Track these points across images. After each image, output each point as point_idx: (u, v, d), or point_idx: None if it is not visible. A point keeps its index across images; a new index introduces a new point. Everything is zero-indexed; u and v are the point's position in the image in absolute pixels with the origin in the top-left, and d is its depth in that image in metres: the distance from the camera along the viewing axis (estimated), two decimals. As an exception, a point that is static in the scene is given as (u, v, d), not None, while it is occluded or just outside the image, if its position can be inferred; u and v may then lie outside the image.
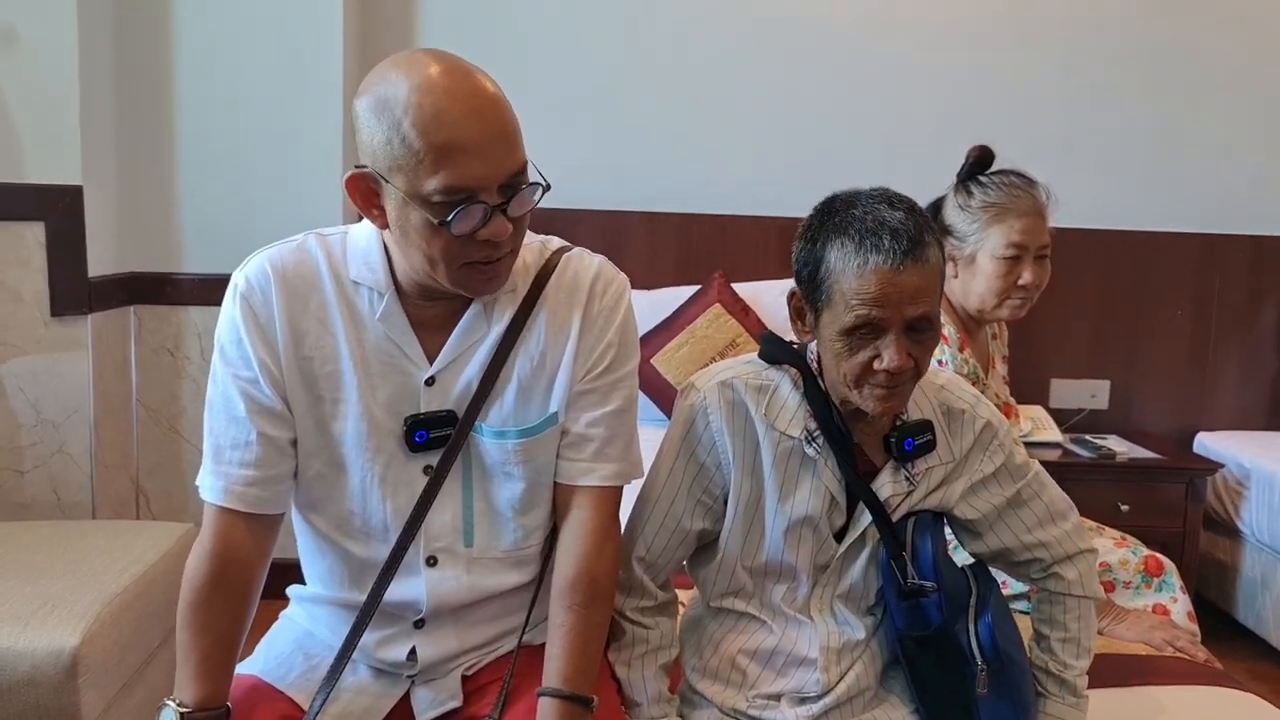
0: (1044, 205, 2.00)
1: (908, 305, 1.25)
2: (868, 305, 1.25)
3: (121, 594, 2.06)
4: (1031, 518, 1.46)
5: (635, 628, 1.45)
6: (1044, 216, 1.99)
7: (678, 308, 3.18)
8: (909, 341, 1.27)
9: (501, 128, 1.19)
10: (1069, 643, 1.46)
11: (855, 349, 1.28)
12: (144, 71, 3.05)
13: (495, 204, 1.20)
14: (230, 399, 1.31)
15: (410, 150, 1.16)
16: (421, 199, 1.18)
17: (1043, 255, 2.00)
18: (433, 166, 1.16)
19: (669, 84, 3.43)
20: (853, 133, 3.46)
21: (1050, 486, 1.49)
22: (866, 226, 1.25)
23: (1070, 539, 1.47)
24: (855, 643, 1.43)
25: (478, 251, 1.22)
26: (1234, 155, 3.53)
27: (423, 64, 1.19)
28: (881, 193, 1.30)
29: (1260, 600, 3.15)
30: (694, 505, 1.44)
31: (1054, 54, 3.46)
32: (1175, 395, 3.57)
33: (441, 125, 1.15)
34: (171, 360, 3.14)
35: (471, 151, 1.16)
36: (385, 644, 1.40)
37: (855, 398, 1.32)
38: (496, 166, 1.19)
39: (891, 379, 1.28)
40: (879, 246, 1.24)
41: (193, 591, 1.29)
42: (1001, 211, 1.98)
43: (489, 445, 1.36)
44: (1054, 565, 1.47)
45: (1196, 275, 3.52)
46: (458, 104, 1.16)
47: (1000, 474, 1.44)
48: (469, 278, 1.25)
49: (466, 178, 1.17)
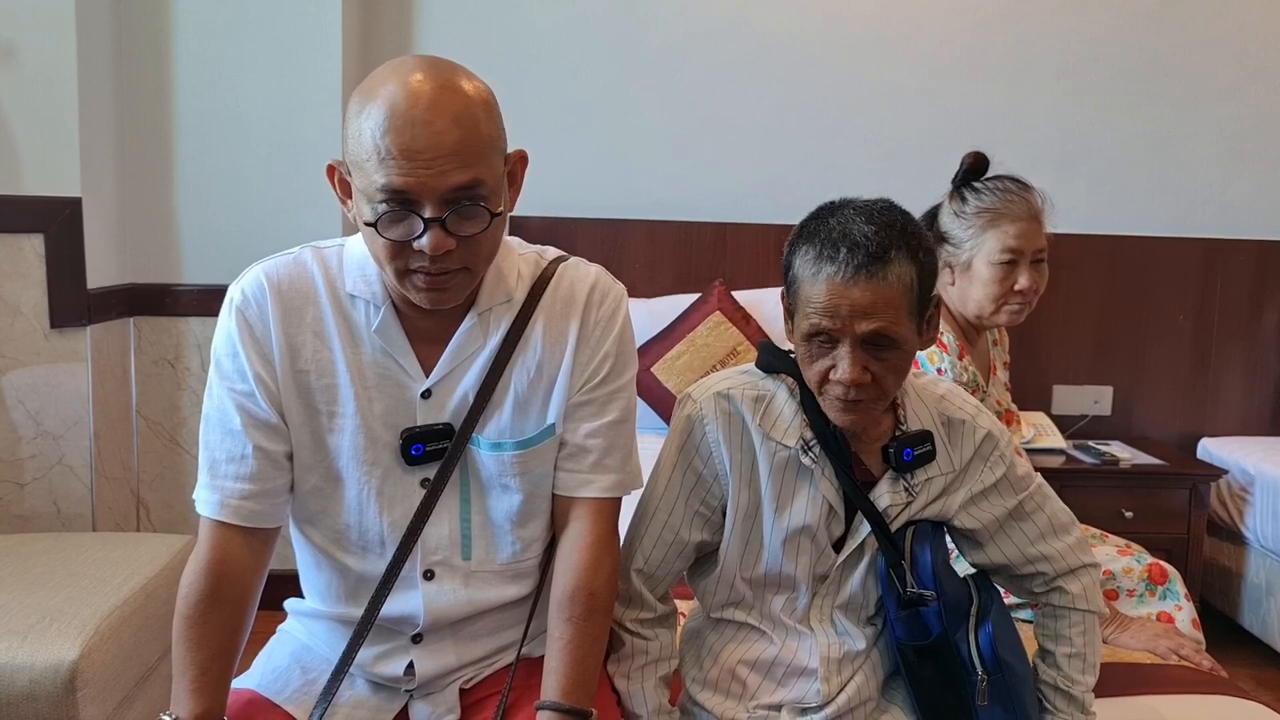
0: (1039, 209, 2.00)
1: (859, 320, 1.24)
2: (819, 314, 1.26)
3: (121, 606, 2.06)
4: (1034, 530, 1.44)
5: (634, 639, 1.44)
6: (1039, 221, 1.99)
7: (678, 316, 3.17)
8: (867, 356, 1.27)
9: (454, 142, 1.17)
10: (1075, 658, 1.44)
11: (815, 356, 1.30)
12: (143, 83, 3.05)
13: (431, 216, 1.18)
14: (226, 412, 1.31)
15: (363, 147, 1.17)
16: (367, 196, 1.19)
17: (1039, 260, 1.99)
18: (379, 166, 1.16)
19: (668, 93, 3.43)
20: (852, 141, 3.46)
21: (1052, 499, 1.47)
22: (830, 237, 1.26)
23: (1073, 553, 1.45)
24: (856, 653, 1.42)
25: (416, 260, 1.21)
26: (1234, 161, 3.52)
27: (407, 68, 1.20)
28: (869, 204, 1.30)
29: (1265, 606, 3.14)
30: (692, 516, 1.43)
31: (1052, 62, 3.46)
32: (1178, 401, 3.56)
33: (394, 128, 1.16)
34: (171, 372, 3.13)
35: (415, 159, 1.16)
36: (383, 658, 1.39)
37: (822, 404, 1.33)
38: (438, 179, 1.17)
39: (848, 391, 1.28)
40: (834, 258, 1.25)
41: (189, 606, 1.28)
42: (996, 216, 1.97)
43: (486, 457, 1.35)
44: (1057, 579, 1.45)
45: (1198, 281, 3.51)
46: (416, 110, 1.16)
47: (1001, 485, 1.43)
48: (410, 286, 1.24)
49: (403, 183, 1.16)
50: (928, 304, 1.32)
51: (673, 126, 3.44)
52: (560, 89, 3.40)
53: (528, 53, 3.38)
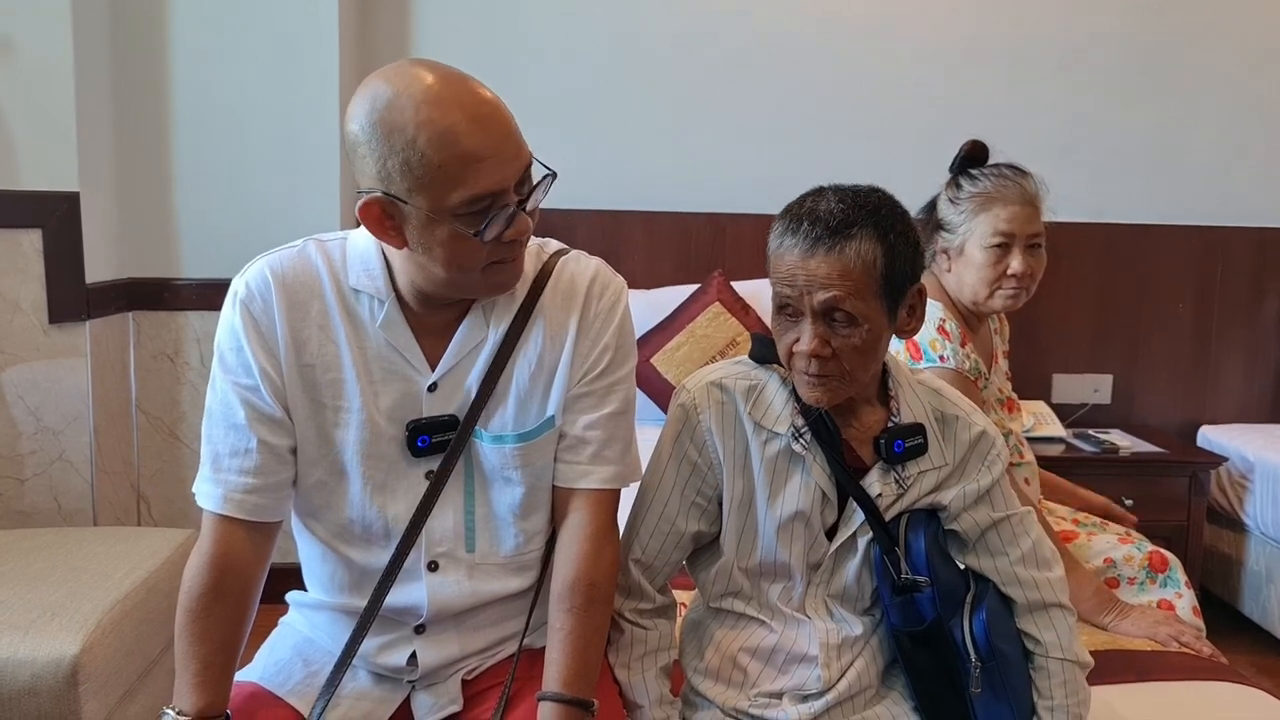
0: (1034, 195, 2.01)
1: (817, 291, 1.27)
2: (782, 284, 1.31)
3: (123, 601, 2.06)
4: (1016, 552, 1.42)
5: (634, 628, 1.45)
6: (1034, 206, 2.00)
7: (677, 307, 3.17)
8: (826, 329, 1.29)
9: (508, 129, 1.21)
10: (1058, 712, 1.40)
11: (784, 328, 1.34)
12: (140, 77, 3.04)
13: (516, 203, 1.22)
14: (230, 406, 1.31)
15: (430, 168, 1.17)
16: (448, 213, 1.20)
17: (1035, 244, 2.01)
18: (455, 180, 1.18)
19: (668, 84, 3.42)
20: (851, 132, 3.45)
21: (1039, 531, 1.45)
22: (799, 213, 1.30)
23: (1050, 588, 1.42)
24: (854, 638, 1.43)
25: (504, 251, 1.25)
26: (1235, 148, 3.52)
27: (418, 78, 1.19)
28: (853, 188, 1.32)
29: (1265, 593, 3.14)
30: (688, 507, 1.43)
31: (1053, 52, 3.46)
32: (1178, 389, 3.57)
33: (457, 138, 1.17)
34: (171, 366, 3.13)
35: (487, 159, 1.18)
36: (386, 649, 1.39)
37: (794, 380, 1.36)
38: (510, 168, 1.21)
39: (809, 364, 1.30)
40: (795, 230, 1.29)
41: (191, 600, 1.28)
42: (988, 201, 1.99)
43: (488, 450, 1.35)
44: (1031, 614, 1.42)
45: (1198, 269, 3.51)
46: (466, 113, 1.18)
47: (994, 493, 1.42)
48: (496, 277, 1.29)
49: (489, 184, 1.19)
50: (902, 289, 1.32)
51: (672, 117, 3.43)
52: (559, 80, 3.39)
53: (526, 44, 3.37)
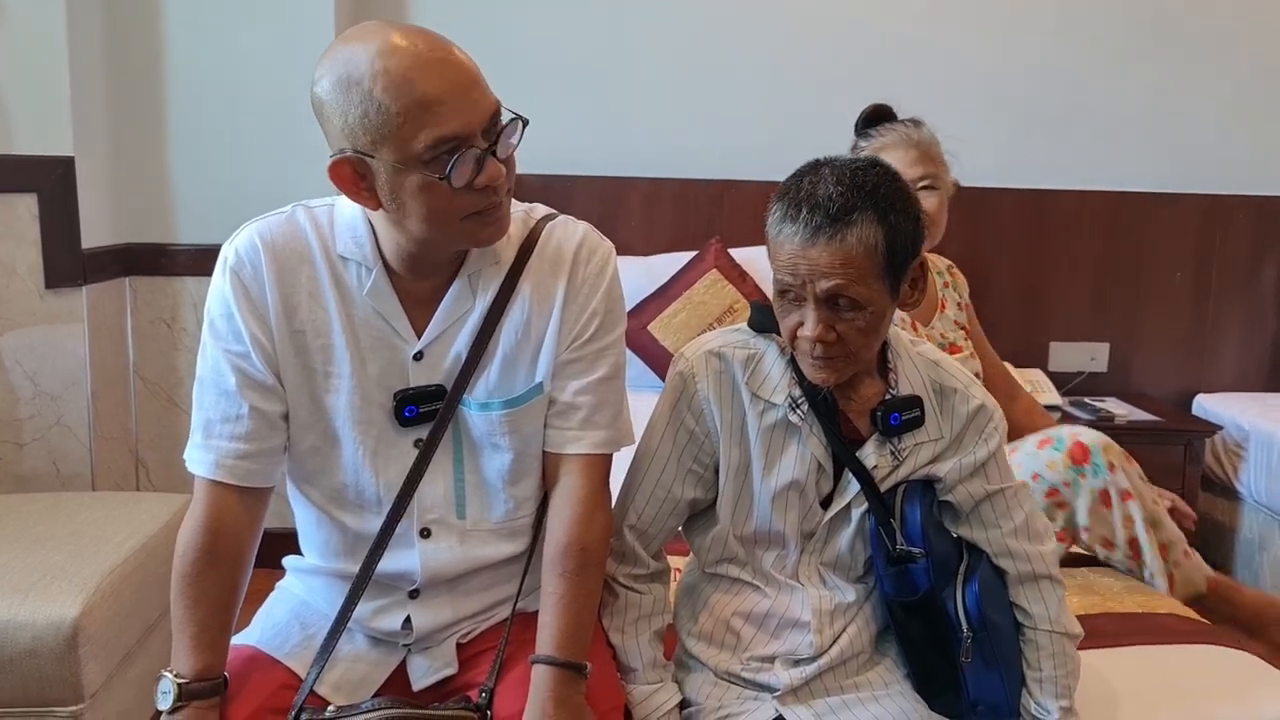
0: (919, 140, 2.14)
1: (819, 279, 1.26)
2: (783, 272, 1.29)
3: (122, 565, 2.07)
4: (1009, 525, 1.42)
5: (628, 592, 1.46)
6: (919, 149, 2.14)
7: (675, 274, 3.16)
8: (831, 315, 1.28)
9: (468, 74, 1.20)
10: (1047, 683, 1.42)
11: (786, 312, 1.32)
12: (135, 40, 3.01)
13: (484, 148, 1.20)
14: (221, 373, 1.31)
15: (389, 116, 1.16)
16: (413, 160, 1.18)
17: (924, 186, 2.12)
18: (416, 124, 1.16)
19: (667, 49, 3.39)
20: (851, 96, 3.36)
21: (1033, 504, 1.47)
22: (798, 197, 1.28)
23: (1042, 560, 1.43)
24: (847, 605, 1.44)
25: (480, 200, 1.23)
26: (1234, 116, 3.50)
27: (375, 32, 1.19)
28: (849, 164, 1.30)
29: (1258, 561, 3.17)
30: (684, 474, 1.44)
31: (1051, 14, 3.43)
32: (1174, 357, 3.57)
33: (412, 82, 1.16)
34: (168, 331, 3.13)
35: (448, 101, 1.17)
36: (381, 614, 1.40)
37: (799, 360, 1.35)
38: (475, 110, 1.19)
39: (814, 348, 1.29)
40: (795, 217, 1.27)
41: (186, 564, 1.29)
42: (875, 152, 2.12)
43: (475, 417, 1.36)
44: (1021, 585, 1.43)
45: (1196, 237, 3.50)
46: (420, 59, 1.17)
47: (989, 466, 1.42)
48: (474, 229, 1.26)
49: (451, 127, 1.17)
50: (903, 266, 1.31)
51: (671, 83, 3.41)
52: (557, 45, 3.36)
53: (525, 9, 3.34)
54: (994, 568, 1.44)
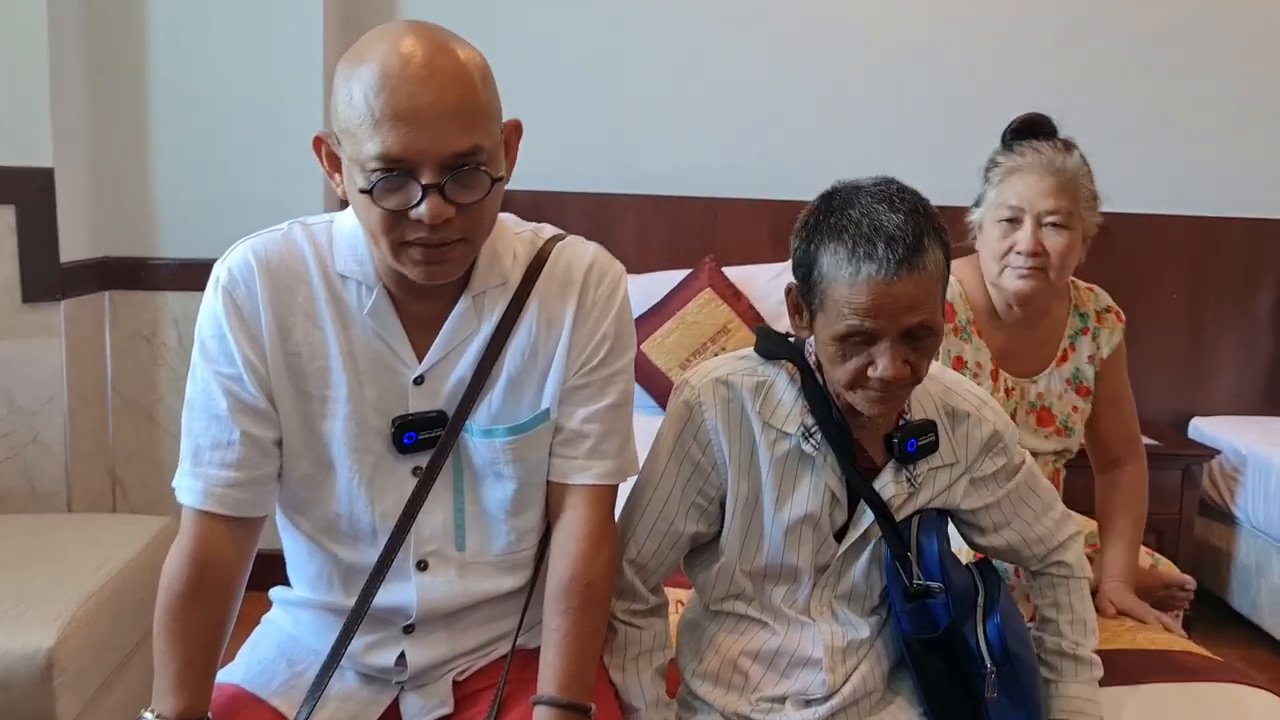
0: (1062, 168, 1.83)
1: (903, 315, 1.19)
2: (860, 316, 1.19)
3: (98, 591, 2.01)
4: (1030, 512, 1.45)
5: (627, 628, 1.41)
6: (1060, 179, 1.82)
7: (668, 293, 3.12)
8: (906, 349, 1.22)
9: (453, 104, 1.11)
10: (1077, 623, 1.46)
11: (848, 355, 1.23)
12: (117, 50, 2.96)
13: (430, 182, 1.12)
14: (212, 397, 1.25)
15: (356, 112, 1.11)
16: (360, 165, 1.13)
17: (1053, 223, 1.82)
18: (373, 131, 1.11)
19: (660, 65, 3.36)
20: (846, 115, 3.40)
21: (1040, 478, 1.48)
22: (861, 232, 1.19)
23: (1060, 526, 1.47)
24: (860, 641, 1.39)
25: (412, 232, 1.15)
26: (1230, 138, 3.49)
27: (399, 32, 1.14)
28: (883, 189, 1.23)
29: (1255, 586, 3.14)
30: (688, 507, 1.39)
31: (1049, 37, 3.41)
32: (1171, 380, 3.54)
33: (387, 90, 1.10)
34: (148, 347, 3.06)
35: (413, 122, 1.10)
36: (373, 649, 1.34)
37: (850, 398, 1.28)
38: (437, 143, 1.11)
39: (886, 385, 1.23)
40: (872, 255, 1.18)
41: (171, 597, 1.23)
42: (1009, 172, 1.85)
43: (478, 445, 1.30)
44: (1053, 552, 1.47)
45: (1193, 259, 3.48)
46: (411, 69, 1.10)
47: (999, 474, 1.43)
48: (406, 259, 1.18)
49: (396, 147, 1.10)
50: (948, 280, 1.28)
51: (664, 99, 3.37)
52: (549, 60, 3.32)
53: (516, 21, 3.30)
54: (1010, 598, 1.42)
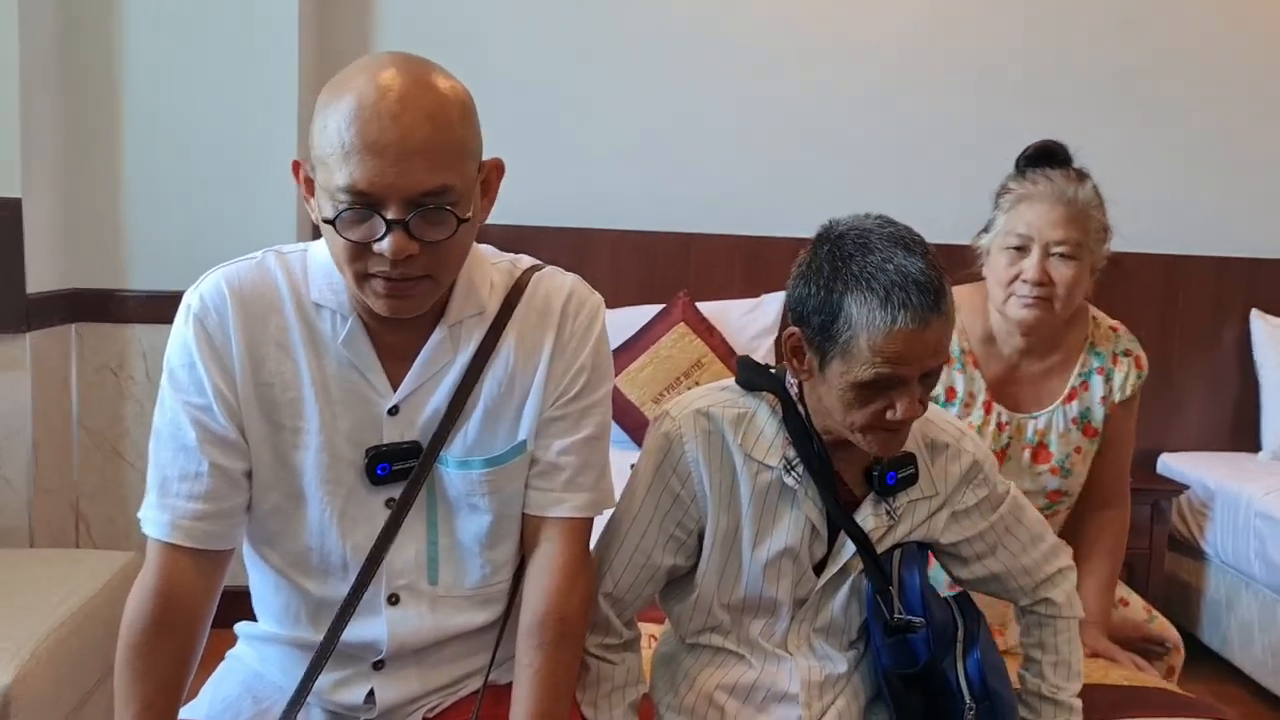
0: (1073, 199, 1.81)
1: (929, 359, 1.21)
2: (891, 364, 1.19)
3: (59, 628, 1.96)
4: (1016, 544, 1.43)
5: (600, 664, 1.39)
6: (1071, 210, 1.80)
7: (642, 327, 3.12)
8: (922, 389, 1.23)
9: (424, 139, 1.10)
10: (1060, 665, 1.44)
11: (868, 400, 1.23)
12: (90, 80, 2.93)
13: (394, 218, 1.11)
14: (180, 427, 1.23)
15: (329, 142, 1.11)
16: (329, 194, 1.12)
17: (1061, 254, 1.79)
18: (342, 161, 1.10)
19: (634, 100, 3.38)
20: (819, 153, 3.43)
21: (1028, 509, 1.47)
22: (891, 280, 1.18)
23: (1050, 559, 1.45)
24: (837, 676, 1.38)
25: (374, 265, 1.14)
26: (1195, 177, 3.55)
27: (382, 63, 1.14)
28: (891, 232, 1.23)
29: (1225, 622, 3.15)
30: (666, 540, 1.37)
31: (1016, 76, 3.47)
32: (1140, 416, 3.55)
33: (359, 122, 1.09)
34: (115, 380, 3.02)
35: (381, 156, 1.09)
36: (341, 686, 1.32)
37: (858, 440, 1.27)
38: (404, 178, 1.10)
39: (900, 424, 1.24)
40: (907, 304, 1.17)
41: (134, 633, 1.21)
42: (1018, 199, 1.83)
43: (453, 476, 1.29)
44: (1040, 587, 1.44)
45: (1160, 296, 3.52)
46: (384, 103, 1.09)
47: (982, 505, 1.42)
48: (369, 292, 1.17)
49: (368, 182, 1.10)
50: None
51: (638, 135, 3.39)
52: (524, 94, 3.33)
53: (490, 57, 3.31)
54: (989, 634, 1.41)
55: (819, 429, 1.32)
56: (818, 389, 1.29)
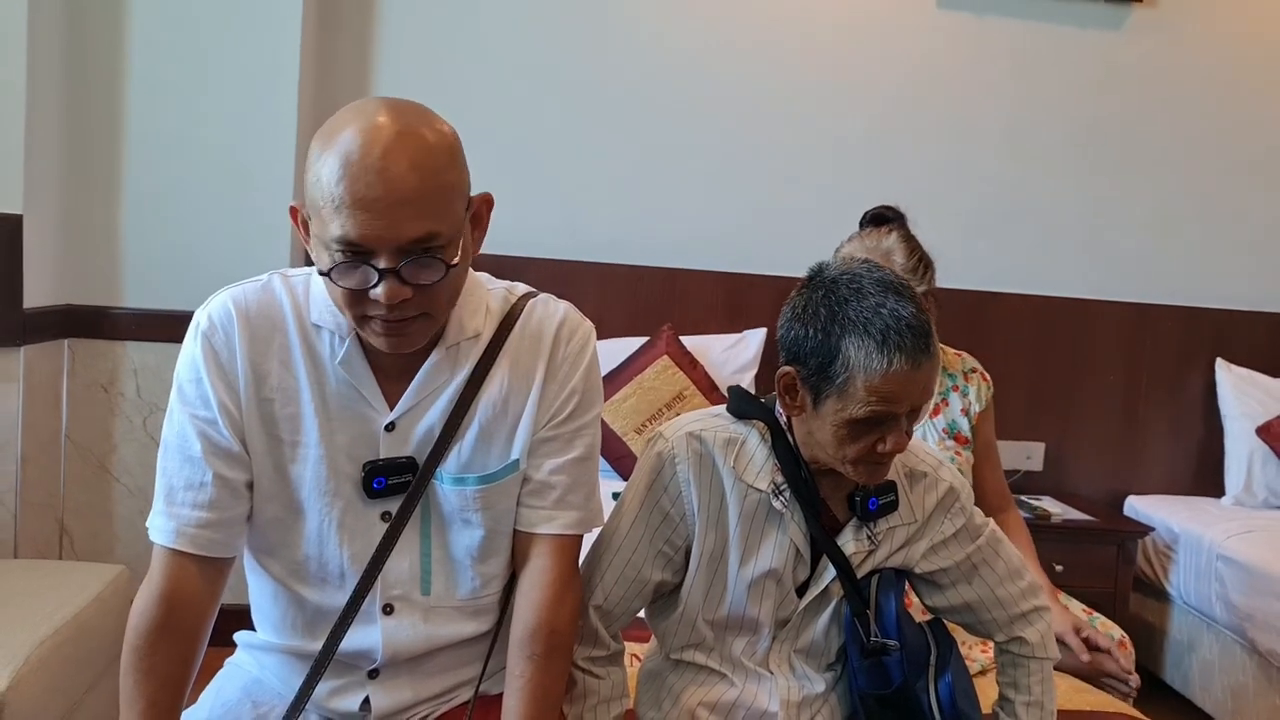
0: (874, 248, 2.09)
1: (918, 396, 1.28)
2: (885, 402, 1.26)
3: (52, 637, 1.99)
4: (993, 576, 1.47)
5: (587, 677, 1.44)
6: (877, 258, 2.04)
7: (626, 358, 3.18)
8: (909, 423, 1.30)
9: (410, 192, 1.14)
10: (1033, 707, 1.46)
11: (860, 435, 1.29)
12: (94, 102, 2.98)
13: (386, 267, 1.16)
14: (186, 439, 1.28)
15: (322, 195, 1.15)
16: (324, 244, 1.18)
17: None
18: (334, 214, 1.15)
19: (623, 136, 3.46)
20: (802, 190, 3.52)
21: (1006, 544, 1.51)
22: (886, 324, 1.25)
23: (1026, 597, 1.48)
24: (815, 696, 1.43)
25: (373, 309, 1.20)
26: (1164, 230, 3.67)
27: (369, 112, 1.17)
28: (881, 277, 1.30)
29: (1187, 662, 3.22)
30: (655, 555, 1.43)
31: (997, 123, 3.58)
32: (1106, 459, 3.66)
33: (348, 178, 1.13)
34: (105, 396, 3.04)
35: (370, 209, 1.13)
36: (337, 694, 1.37)
37: (847, 471, 1.34)
38: (392, 230, 1.15)
39: (889, 456, 1.31)
40: (902, 346, 1.24)
41: (139, 636, 1.25)
42: (850, 252, 2.09)
43: (448, 492, 1.34)
44: (1014, 624, 1.48)
45: (1128, 343, 3.63)
46: (371, 159, 1.13)
47: (960, 534, 1.46)
48: (369, 330, 1.23)
49: (359, 235, 1.14)
50: None
51: (626, 170, 3.46)
52: (514, 129, 3.40)
53: (483, 91, 3.39)
54: (960, 659, 1.45)
55: (806, 458, 1.38)
56: (809, 424, 1.34)
